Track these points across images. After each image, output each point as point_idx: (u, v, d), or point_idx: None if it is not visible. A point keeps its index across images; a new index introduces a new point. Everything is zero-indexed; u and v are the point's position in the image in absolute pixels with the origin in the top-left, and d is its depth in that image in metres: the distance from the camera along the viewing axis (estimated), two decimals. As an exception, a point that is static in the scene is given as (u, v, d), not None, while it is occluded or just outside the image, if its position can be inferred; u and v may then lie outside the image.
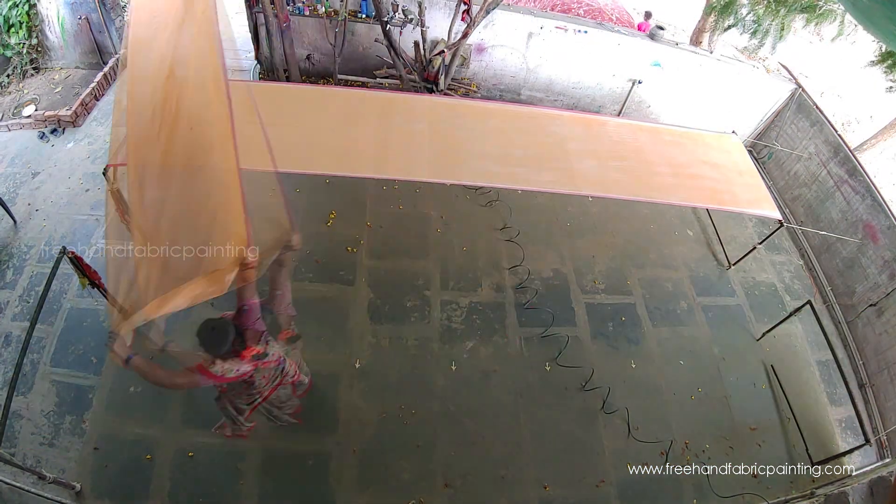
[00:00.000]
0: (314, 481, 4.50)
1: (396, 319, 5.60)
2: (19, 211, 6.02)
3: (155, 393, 4.78)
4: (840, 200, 6.92)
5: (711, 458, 5.08)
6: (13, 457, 4.12)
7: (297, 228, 3.55)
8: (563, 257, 6.50)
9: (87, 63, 7.95)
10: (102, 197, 6.14)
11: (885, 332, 5.95)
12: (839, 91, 13.24)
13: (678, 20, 13.67)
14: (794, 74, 8.47)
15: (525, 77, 8.41)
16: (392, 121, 5.79)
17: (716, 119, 8.36)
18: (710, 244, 7.14)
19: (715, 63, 8.02)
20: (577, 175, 5.64)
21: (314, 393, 4.93)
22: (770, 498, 4.90)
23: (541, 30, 7.77)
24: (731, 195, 5.92)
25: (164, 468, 4.39)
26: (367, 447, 4.73)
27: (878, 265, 6.26)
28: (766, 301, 6.60)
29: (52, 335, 5.04)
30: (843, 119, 12.48)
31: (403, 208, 6.67)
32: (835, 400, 5.81)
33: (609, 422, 5.18)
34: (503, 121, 6.12)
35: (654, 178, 5.82)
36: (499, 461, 4.81)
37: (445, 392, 5.15)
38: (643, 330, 5.96)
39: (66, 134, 7.01)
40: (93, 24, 7.60)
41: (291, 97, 6.21)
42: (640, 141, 6.24)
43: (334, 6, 7.51)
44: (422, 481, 4.61)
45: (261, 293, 3.51)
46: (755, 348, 6.05)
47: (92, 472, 4.32)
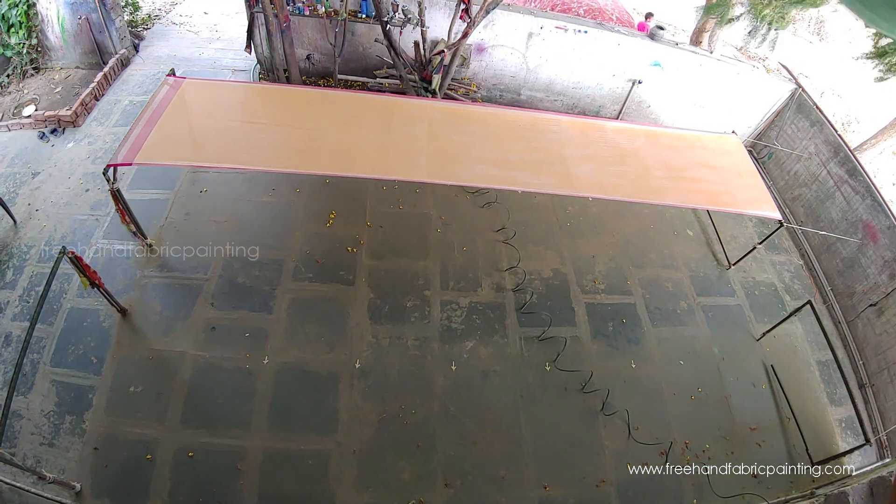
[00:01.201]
0: (314, 481, 4.50)
1: (396, 319, 5.60)
2: (19, 211, 6.02)
3: (155, 393, 4.80)
4: (840, 200, 6.92)
5: (711, 458, 5.08)
6: (13, 457, 4.11)
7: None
8: (563, 257, 6.50)
9: (87, 63, 7.95)
10: (102, 197, 6.16)
11: (885, 332, 5.95)
12: (839, 91, 13.24)
13: (678, 20, 13.67)
14: (794, 74, 8.48)
15: (525, 77, 8.41)
16: (391, 122, 5.80)
17: (716, 119, 8.37)
18: (710, 244, 7.14)
19: (715, 63, 8.02)
20: (575, 179, 5.63)
21: (315, 393, 4.95)
22: (770, 498, 4.90)
23: (541, 30, 7.77)
24: (731, 196, 5.92)
25: (164, 468, 4.38)
26: (367, 447, 4.73)
27: (878, 265, 6.27)
28: (766, 301, 6.60)
29: (52, 335, 5.04)
30: (843, 119, 12.49)
31: (403, 208, 6.67)
32: (835, 400, 5.81)
33: (609, 422, 5.18)
34: (501, 124, 6.13)
35: (653, 182, 5.82)
36: (499, 461, 4.81)
37: (445, 392, 5.15)
38: (643, 330, 5.96)
39: (66, 134, 7.01)
40: (93, 24, 7.60)
41: (292, 98, 6.22)
42: (639, 145, 6.24)
43: (334, 6, 7.51)
44: (422, 481, 4.61)
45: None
46: (755, 348, 6.05)
47: (92, 472, 4.32)
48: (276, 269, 5.78)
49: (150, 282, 5.54)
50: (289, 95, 6.35)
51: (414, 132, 5.74)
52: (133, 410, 4.67)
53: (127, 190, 6.04)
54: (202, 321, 5.28)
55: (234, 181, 6.59)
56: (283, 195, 6.56)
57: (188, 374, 4.92)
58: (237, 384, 4.92)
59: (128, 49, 8.21)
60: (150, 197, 6.28)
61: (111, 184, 4.94)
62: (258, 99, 6.17)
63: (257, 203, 6.44)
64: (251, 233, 6.05)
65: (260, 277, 5.69)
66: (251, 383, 4.93)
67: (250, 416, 4.74)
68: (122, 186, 5.61)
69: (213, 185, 6.52)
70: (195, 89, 5.82)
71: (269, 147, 5.34)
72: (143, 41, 8.89)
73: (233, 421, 4.70)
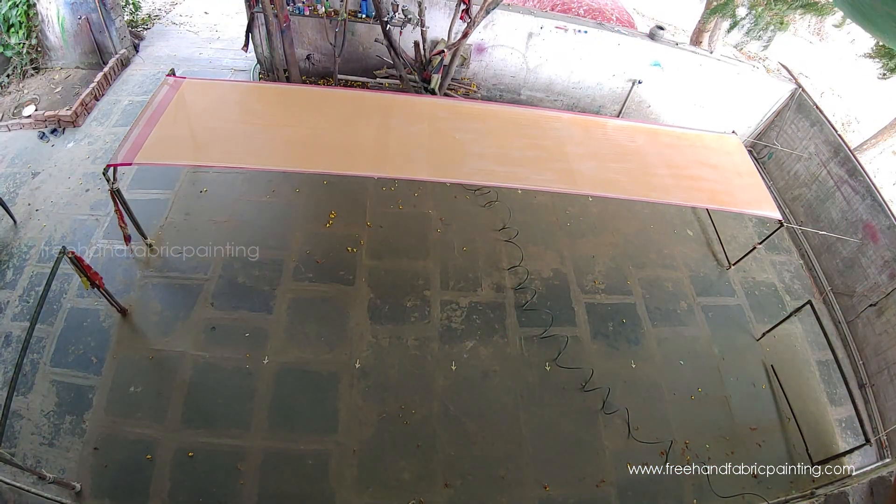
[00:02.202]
0: (314, 481, 4.50)
1: (396, 319, 5.60)
2: (19, 211, 6.02)
3: (155, 393, 4.80)
4: (840, 200, 6.92)
5: (711, 458, 5.08)
6: (13, 457, 4.12)
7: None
8: (563, 257, 6.50)
9: (87, 63, 7.95)
10: (102, 197, 6.16)
11: (885, 332, 5.95)
12: (839, 91, 13.25)
13: (678, 20, 13.68)
14: (794, 74, 8.48)
15: (525, 77, 8.41)
16: (392, 121, 5.79)
17: (716, 119, 8.37)
18: (710, 244, 7.14)
19: (715, 63, 8.02)
20: (576, 177, 5.64)
21: (315, 393, 4.95)
22: (770, 498, 4.90)
23: (541, 30, 7.77)
24: (731, 195, 5.92)
25: (164, 468, 4.38)
26: (367, 447, 4.73)
27: (878, 265, 6.26)
28: (766, 301, 6.60)
29: (52, 335, 5.04)
30: (843, 119, 12.49)
31: (403, 208, 6.67)
32: (835, 400, 5.81)
33: (609, 422, 5.18)
34: (502, 122, 6.13)
35: (654, 179, 5.82)
36: (499, 461, 4.81)
37: (445, 392, 5.15)
38: (643, 330, 5.96)
39: (66, 134, 7.01)
40: (93, 24, 7.60)
41: (291, 97, 6.22)
42: (640, 142, 6.25)
43: (334, 6, 7.51)
44: (422, 481, 4.61)
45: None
46: (755, 348, 6.05)
47: (92, 472, 4.32)
48: (276, 269, 5.78)
49: (150, 282, 5.54)
50: (289, 94, 6.35)
51: (415, 130, 5.73)
52: (133, 410, 4.67)
53: (127, 190, 6.04)
54: (202, 321, 5.28)
55: (234, 181, 6.59)
56: (283, 195, 6.56)
57: (188, 374, 4.92)
58: (237, 384, 4.92)
59: (128, 49, 8.21)
60: (150, 197, 6.28)
61: (111, 184, 4.94)
62: (258, 99, 6.17)
63: (257, 203, 6.44)
64: (251, 233, 6.06)
65: (260, 277, 5.69)
66: (251, 383, 4.93)
67: (250, 416, 4.74)
68: (122, 186, 5.61)
69: (213, 185, 6.52)
70: (195, 89, 5.82)
71: (269, 147, 5.35)
72: (143, 41, 8.89)
73: (233, 421, 4.70)
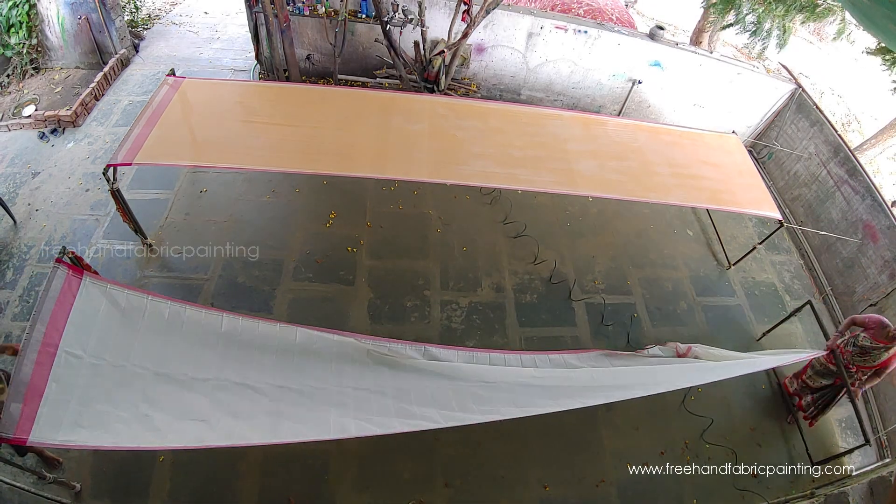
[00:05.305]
0: (314, 481, 4.49)
1: (396, 319, 5.60)
2: (19, 211, 6.02)
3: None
4: (840, 200, 6.92)
5: (711, 458, 5.07)
6: (13, 456, 4.11)
7: None
8: (563, 257, 6.50)
9: (87, 63, 7.95)
10: (102, 197, 6.16)
11: (885, 332, 5.94)
12: (839, 91, 13.25)
13: (678, 20, 13.69)
14: (794, 74, 8.49)
15: (525, 77, 8.41)
16: (392, 121, 5.79)
17: (716, 119, 8.37)
18: (710, 244, 7.14)
19: (715, 63, 8.02)
20: (576, 175, 5.64)
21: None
22: (770, 498, 4.90)
23: (541, 30, 7.77)
24: (731, 195, 5.92)
25: (164, 468, 4.38)
26: (367, 447, 4.72)
27: (878, 265, 6.26)
28: (766, 301, 6.60)
29: (52, 335, 5.03)
30: (843, 119, 12.49)
31: (403, 208, 6.67)
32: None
33: (609, 422, 5.18)
34: (503, 121, 6.13)
35: (655, 178, 5.82)
36: (499, 461, 4.80)
37: (445, 392, 5.14)
38: (643, 330, 5.96)
39: (66, 134, 7.01)
40: (93, 24, 7.60)
41: (291, 97, 6.22)
42: (640, 141, 6.25)
43: (334, 6, 7.51)
44: (422, 481, 4.61)
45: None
46: (755, 348, 6.04)
47: (92, 472, 4.31)
48: (276, 269, 5.78)
49: (150, 282, 5.54)
50: (289, 94, 6.35)
51: (415, 129, 5.73)
52: (133, 410, 4.66)
53: (127, 190, 6.04)
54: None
55: (234, 181, 6.59)
56: (282, 195, 6.56)
57: (188, 374, 4.91)
58: (237, 384, 4.91)
59: (128, 49, 8.21)
60: (150, 197, 6.28)
61: (111, 184, 4.94)
62: (258, 98, 6.16)
63: (257, 203, 6.44)
64: (251, 233, 6.06)
65: (260, 277, 5.69)
66: (251, 383, 4.92)
67: (250, 416, 4.73)
68: (122, 186, 5.61)
69: (213, 185, 6.52)
70: (195, 89, 5.82)
71: (269, 146, 5.34)
72: (143, 41, 8.89)
73: (233, 421, 4.69)
